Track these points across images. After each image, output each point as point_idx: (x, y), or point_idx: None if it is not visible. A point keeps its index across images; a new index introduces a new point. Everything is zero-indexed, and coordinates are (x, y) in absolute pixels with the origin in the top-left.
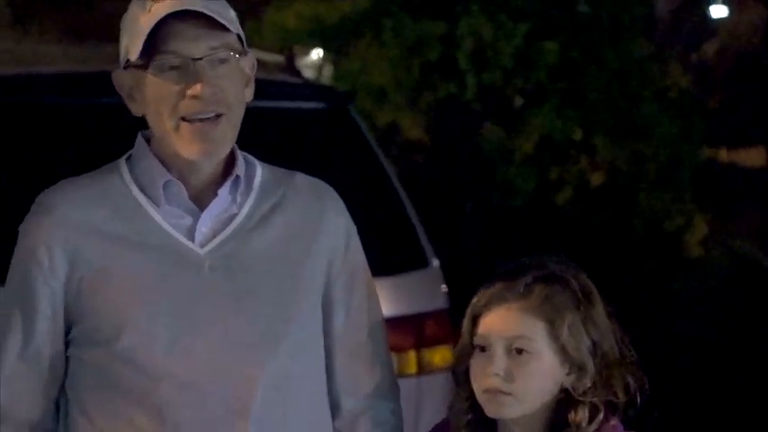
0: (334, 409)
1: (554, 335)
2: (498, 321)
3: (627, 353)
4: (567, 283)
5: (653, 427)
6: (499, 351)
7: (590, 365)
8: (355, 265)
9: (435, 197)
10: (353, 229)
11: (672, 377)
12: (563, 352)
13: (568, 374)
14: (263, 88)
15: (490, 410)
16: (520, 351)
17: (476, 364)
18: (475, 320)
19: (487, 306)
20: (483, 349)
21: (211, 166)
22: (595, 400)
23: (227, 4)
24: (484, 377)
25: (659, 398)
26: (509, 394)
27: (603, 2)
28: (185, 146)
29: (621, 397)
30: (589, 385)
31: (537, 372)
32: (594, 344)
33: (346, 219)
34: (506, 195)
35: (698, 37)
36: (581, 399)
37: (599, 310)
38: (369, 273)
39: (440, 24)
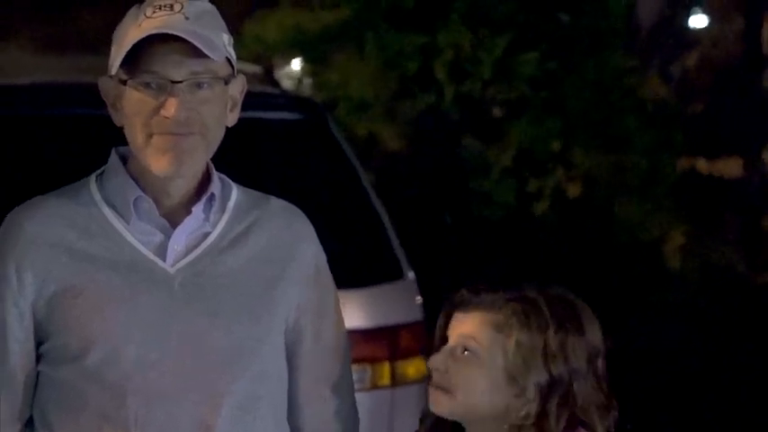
0: None
1: (504, 349)
2: (459, 323)
3: (602, 398)
4: (534, 302)
5: None
6: (448, 348)
7: (530, 393)
8: (324, 291)
9: (414, 208)
10: (323, 255)
11: (649, 387)
12: (509, 370)
13: (517, 396)
14: None
15: (430, 405)
16: (465, 350)
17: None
18: (446, 326)
19: (460, 307)
20: None
21: (184, 184)
22: (528, 423)
23: (222, 25)
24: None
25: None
26: (446, 390)
27: (583, 13)
28: (155, 159)
29: (591, 412)
30: (525, 413)
31: (475, 375)
32: (552, 376)
33: (317, 245)
34: (485, 207)
35: (678, 47)
36: (520, 423)
37: (575, 346)
38: (337, 299)
39: (420, 37)
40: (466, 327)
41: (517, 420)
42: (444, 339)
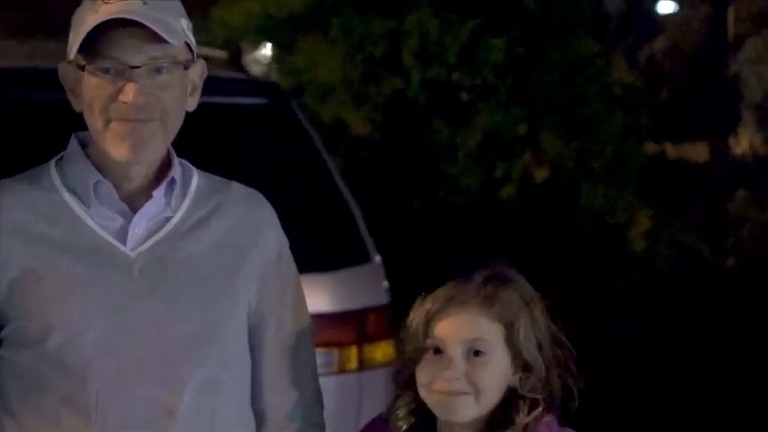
0: (259, 419)
1: (510, 337)
2: (456, 325)
3: (564, 351)
4: (515, 283)
5: (594, 425)
6: (458, 354)
7: (539, 365)
8: (287, 277)
9: (381, 193)
10: (285, 241)
11: (615, 373)
12: (516, 353)
13: (514, 374)
14: (203, 83)
15: (444, 413)
16: (477, 353)
17: (429, 367)
18: (428, 323)
19: (443, 309)
20: (437, 352)
21: (144, 169)
22: (537, 396)
23: (181, 10)
24: (441, 381)
25: (604, 394)
26: (468, 395)
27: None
28: (113, 145)
29: (557, 394)
30: (536, 383)
31: (494, 373)
32: (540, 344)
33: (279, 232)
34: (452, 192)
35: (646, 33)
36: (527, 395)
37: (539, 310)
38: (300, 285)
39: (387, 21)
40: (468, 328)
41: (516, 397)
42: (423, 344)
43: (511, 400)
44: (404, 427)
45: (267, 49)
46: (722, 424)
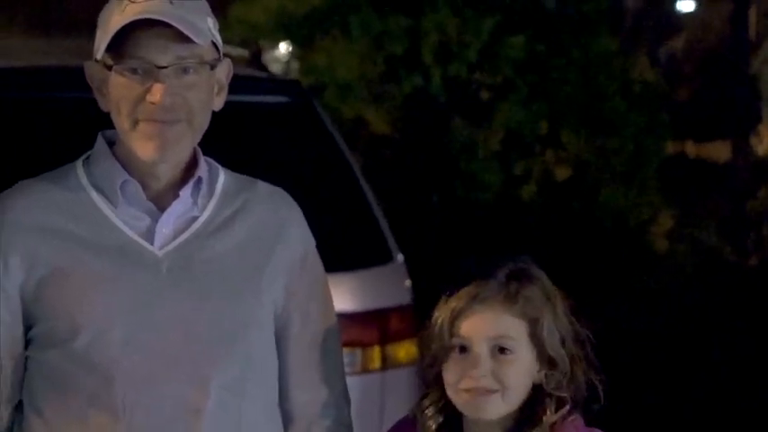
0: (287, 418)
1: (534, 333)
2: (481, 322)
3: (587, 349)
4: (537, 280)
5: (616, 424)
6: (484, 352)
7: (564, 360)
8: (314, 275)
9: (402, 191)
10: (312, 239)
11: (636, 372)
12: (540, 349)
13: (539, 371)
14: None
15: (472, 412)
16: (503, 350)
17: (455, 365)
18: (453, 322)
19: (468, 307)
20: (462, 350)
21: (171, 168)
22: (564, 394)
23: (207, 9)
24: (468, 379)
25: (624, 393)
26: (496, 392)
27: None
28: (141, 145)
29: (582, 393)
30: (561, 380)
31: (520, 370)
32: (563, 340)
33: (305, 229)
34: (472, 190)
35: (666, 31)
36: (553, 393)
37: (562, 306)
38: (326, 283)
39: (405, 19)
40: (493, 326)
41: (542, 395)
42: (449, 342)
43: (537, 398)
44: (433, 426)
45: (286, 47)
46: (743, 422)
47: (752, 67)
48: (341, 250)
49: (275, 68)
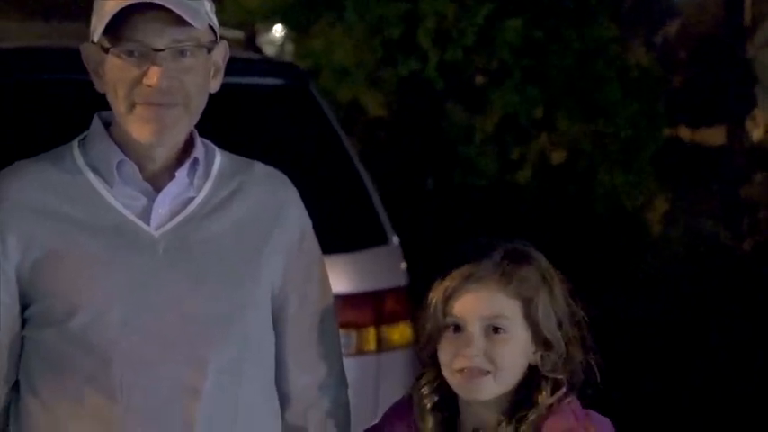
0: (284, 398)
1: (528, 313)
2: (475, 301)
3: (584, 332)
4: (534, 260)
5: (612, 408)
6: (477, 331)
7: (559, 342)
8: (310, 256)
9: (397, 175)
10: (309, 220)
11: (632, 358)
12: (535, 330)
13: (535, 352)
14: None
15: (465, 393)
16: (497, 330)
17: (449, 345)
18: (447, 301)
19: (462, 286)
20: (456, 329)
21: (167, 150)
22: (560, 376)
23: None
24: (461, 358)
25: (619, 378)
26: (488, 373)
27: None
28: (137, 127)
29: (579, 376)
30: (557, 362)
31: (514, 350)
32: (560, 321)
33: (302, 210)
34: (468, 174)
35: (661, 16)
36: (549, 375)
37: (559, 287)
38: (323, 264)
39: (403, 4)
40: (486, 305)
41: (538, 376)
42: (443, 321)
43: (533, 380)
44: (429, 405)
45: (280, 30)
46: (741, 407)
47: (747, 51)
48: (336, 232)
49: (269, 51)
